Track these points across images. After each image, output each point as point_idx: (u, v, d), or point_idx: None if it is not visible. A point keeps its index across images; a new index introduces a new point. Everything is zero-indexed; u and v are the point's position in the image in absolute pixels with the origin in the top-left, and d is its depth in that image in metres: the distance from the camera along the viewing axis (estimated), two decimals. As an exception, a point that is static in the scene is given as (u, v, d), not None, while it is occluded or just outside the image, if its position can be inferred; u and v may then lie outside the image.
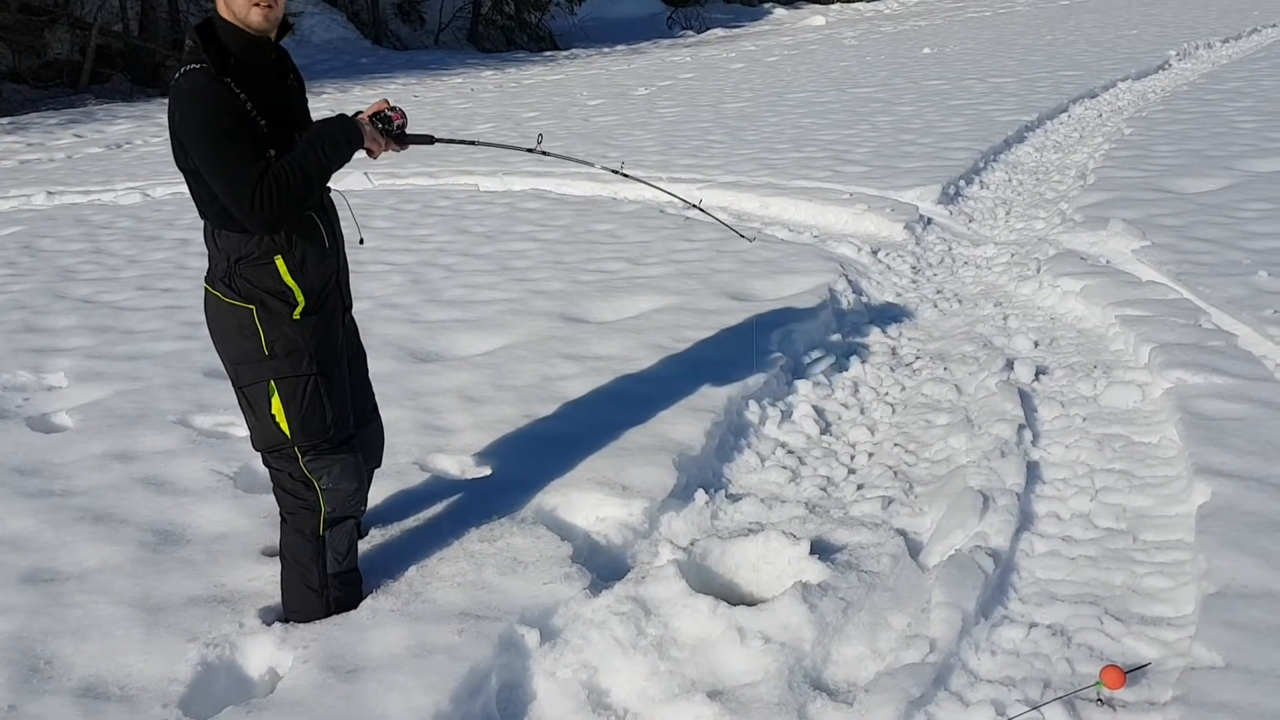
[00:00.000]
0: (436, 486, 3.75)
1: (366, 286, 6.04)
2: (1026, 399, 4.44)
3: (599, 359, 4.86)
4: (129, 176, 10.78)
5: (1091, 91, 12.66)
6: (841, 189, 8.13)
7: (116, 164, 11.79)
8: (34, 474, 3.93)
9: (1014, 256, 6.62)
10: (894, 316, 5.71)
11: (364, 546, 3.29)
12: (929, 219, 7.51)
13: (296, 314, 2.77)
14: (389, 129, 2.86)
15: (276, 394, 2.78)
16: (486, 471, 3.87)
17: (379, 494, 3.56)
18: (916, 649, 2.83)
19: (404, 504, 3.61)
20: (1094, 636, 2.88)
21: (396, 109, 2.87)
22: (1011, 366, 4.78)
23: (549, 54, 25.46)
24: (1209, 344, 4.65)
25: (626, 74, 18.91)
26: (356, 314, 3.20)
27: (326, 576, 2.95)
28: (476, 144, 3.40)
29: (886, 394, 4.73)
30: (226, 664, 2.85)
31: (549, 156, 3.49)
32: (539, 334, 5.26)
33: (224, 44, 2.60)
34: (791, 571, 3.23)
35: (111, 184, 10.38)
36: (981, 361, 4.89)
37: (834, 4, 34.36)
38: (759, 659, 2.81)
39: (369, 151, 2.84)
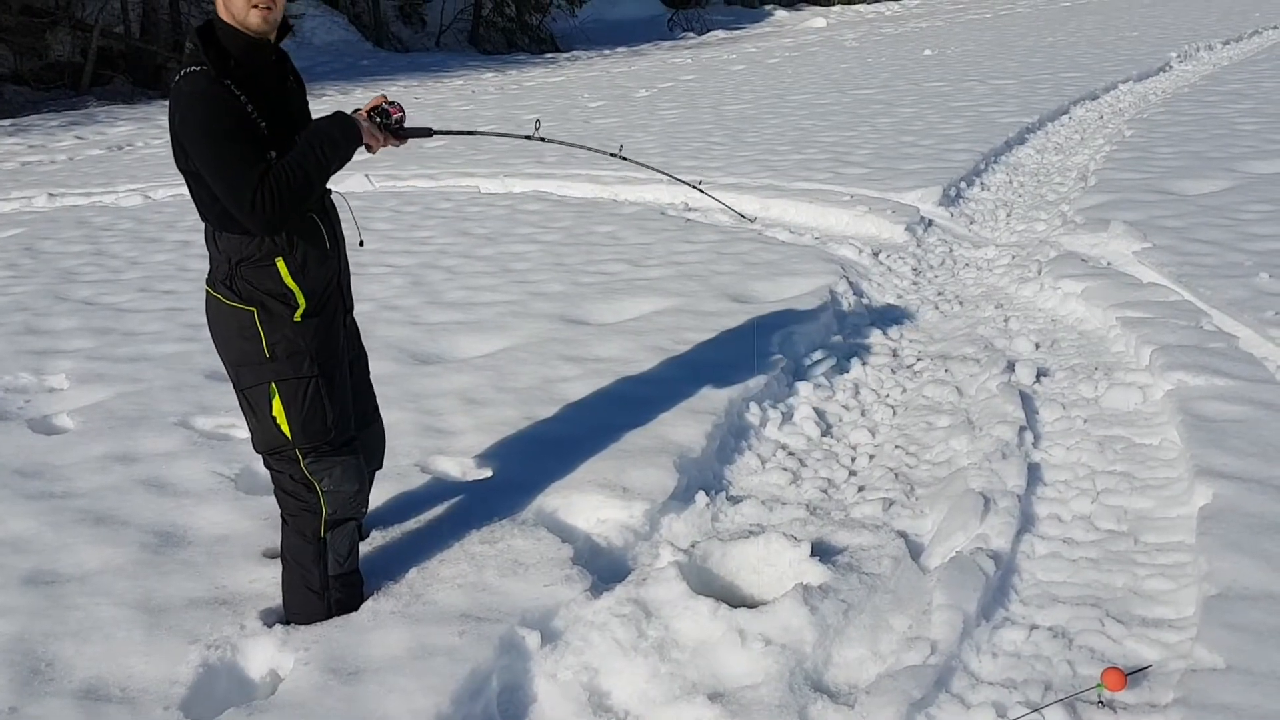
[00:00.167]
0: (437, 488, 3.75)
1: (367, 288, 6.05)
2: (1028, 401, 4.44)
3: (600, 361, 4.86)
4: (130, 178, 10.78)
5: (1092, 93, 12.66)
6: (842, 191, 8.13)
7: (118, 166, 11.79)
8: (35, 476, 3.94)
9: (1015, 258, 6.62)
10: (895, 318, 5.71)
11: (365, 548, 3.29)
12: (930, 221, 7.51)
13: (297, 316, 2.77)
14: (387, 123, 2.86)
15: (278, 396, 2.78)
16: (487, 473, 3.87)
17: (380, 496, 3.56)
18: (918, 651, 2.83)
19: (405, 506, 3.61)
20: (1095, 638, 2.88)
21: (394, 103, 2.87)
22: (1013, 368, 4.78)
23: (550, 56, 25.47)
24: (1210, 346, 4.65)
25: (627, 76, 18.92)
26: (357, 316, 3.20)
27: (328, 578, 2.95)
28: (475, 133, 3.42)
29: (887, 396, 4.73)
30: (228, 666, 2.86)
31: (546, 142, 3.50)
32: (540, 336, 5.26)
33: (224, 46, 2.61)
34: (792, 573, 3.23)
35: (113, 186, 10.39)
36: (983, 363, 4.89)
37: (835, 6, 34.38)
38: (760, 661, 2.81)
39: (368, 147, 2.84)
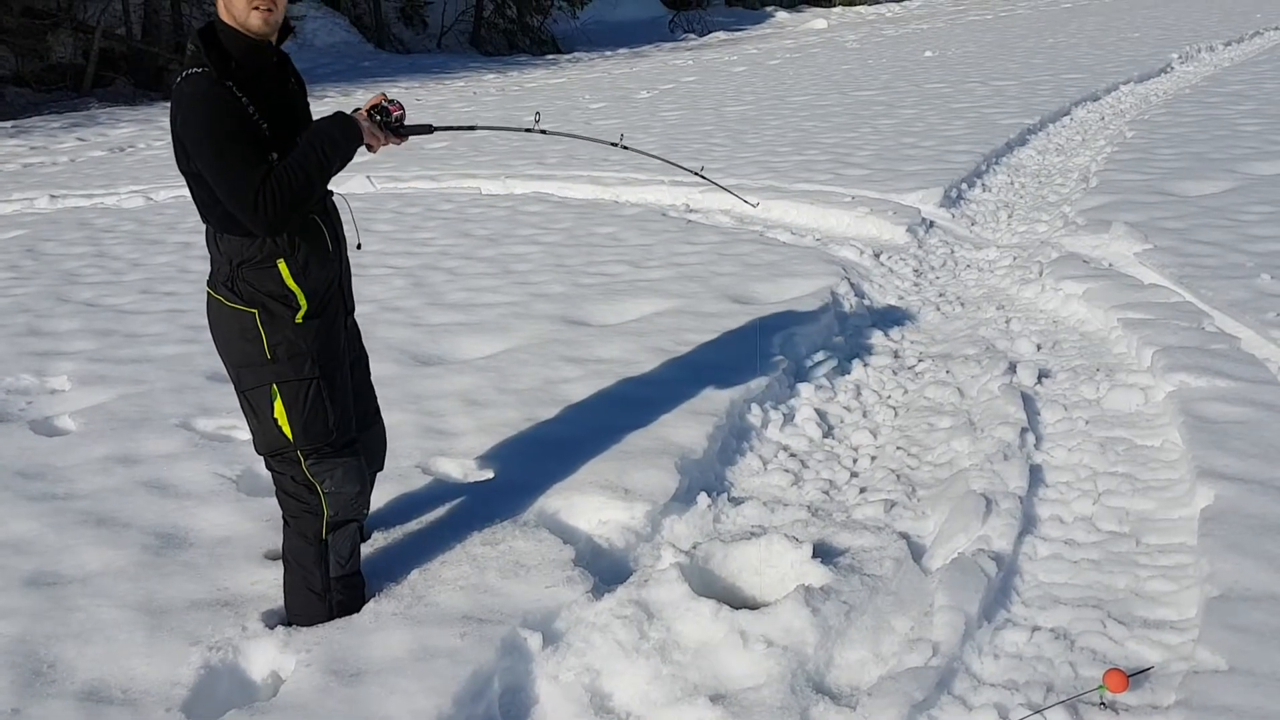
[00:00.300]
0: (439, 490, 3.75)
1: (369, 290, 6.05)
2: (1029, 402, 4.44)
3: (601, 362, 4.86)
4: (132, 180, 10.78)
5: (1094, 94, 12.66)
6: (843, 192, 8.13)
7: (119, 167, 11.80)
8: (37, 477, 3.94)
9: (1016, 260, 6.62)
10: (896, 319, 5.71)
11: (366, 550, 3.29)
12: (931, 222, 7.51)
13: (299, 317, 2.77)
14: (387, 121, 2.86)
15: (279, 398, 2.78)
16: (489, 475, 3.87)
17: (381, 497, 3.56)
18: (919, 652, 2.83)
19: (406, 507, 3.61)
20: (1097, 640, 2.88)
21: (394, 101, 2.87)
22: (1014, 370, 4.77)
23: (551, 57, 25.46)
24: (1212, 347, 4.65)
25: (628, 77, 18.92)
26: (359, 317, 3.20)
27: (329, 580, 2.96)
28: (475, 128, 3.42)
29: (889, 397, 4.73)
30: (229, 667, 2.86)
31: (548, 134, 3.49)
32: (541, 337, 5.26)
33: (225, 48, 2.61)
34: (794, 575, 3.23)
35: (114, 187, 10.39)
36: (984, 365, 4.89)
37: (836, 7, 34.38)
38: (761, 662, 2.81)
39: (369, 147, 2.84)
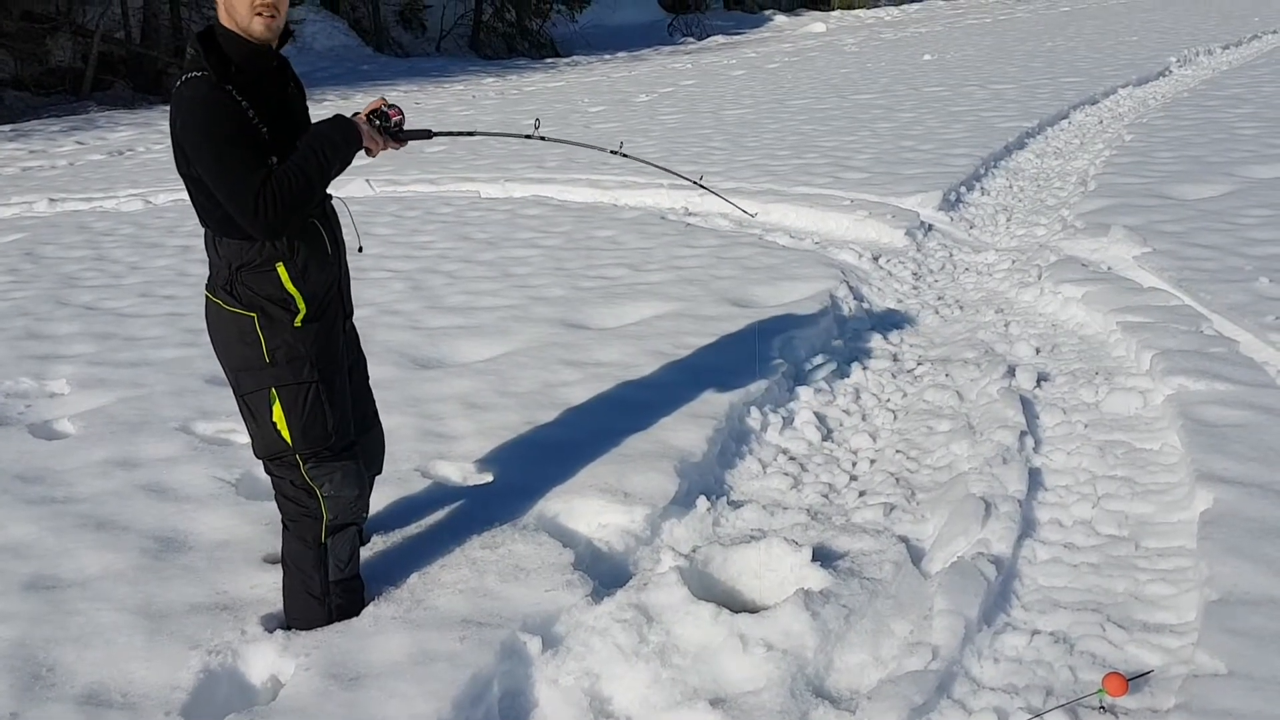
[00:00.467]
0: (438, 493, 3.75)
1: (368, 293, 6.05)
2: (1028, 405, 4.44)
3: (600, 365, 4.86)
4: (131, 183, 10.79)
5: (1092, 98, 12.67)
6: (842, 195, 8.13)
7: (119, 171, 11.80)
8: (36, 481, 3.94)
9: (1015, 263, 6.63)
10: (895, 323, 5.71)
11: (366, 553, 3.29)
12: (930, 225, 7.51)
13: (298, 321, 2.78)
14: (386, 126, 2.86)
15: (278, 401, 2.78)
16: (488, 478, 3.87)
17: (381, 501, 3.56)
18: (919, 656, 2.83)
19: (406, 511, 3.61)
20: (1096, 644, 2.88)
21: (393, 106, 2.88)
22: (1013, 373, 4.77)
23: (550, 61, 25.48)
24: (1210, 350, 4.65)
25: (627, 81, 18.94)
26: (358, 321, 3.21)
27: (328, 584, 2.95)
28: (474, 134, 3.42)
29: (888, 400, 4.73)
30: (229, 671, 2.85)
31: (546, 141, 3.50)
32: (540, 340, 5.26)
33: (225, 52, 2.61)
34: (793, 578, 3.23)
35: (113, 191, 10.40)
36: (983, 368, 4.89)
37: (834, 11, 34.42)
38: (761, 666, 2.81)
39: (368, 150, 2.84)
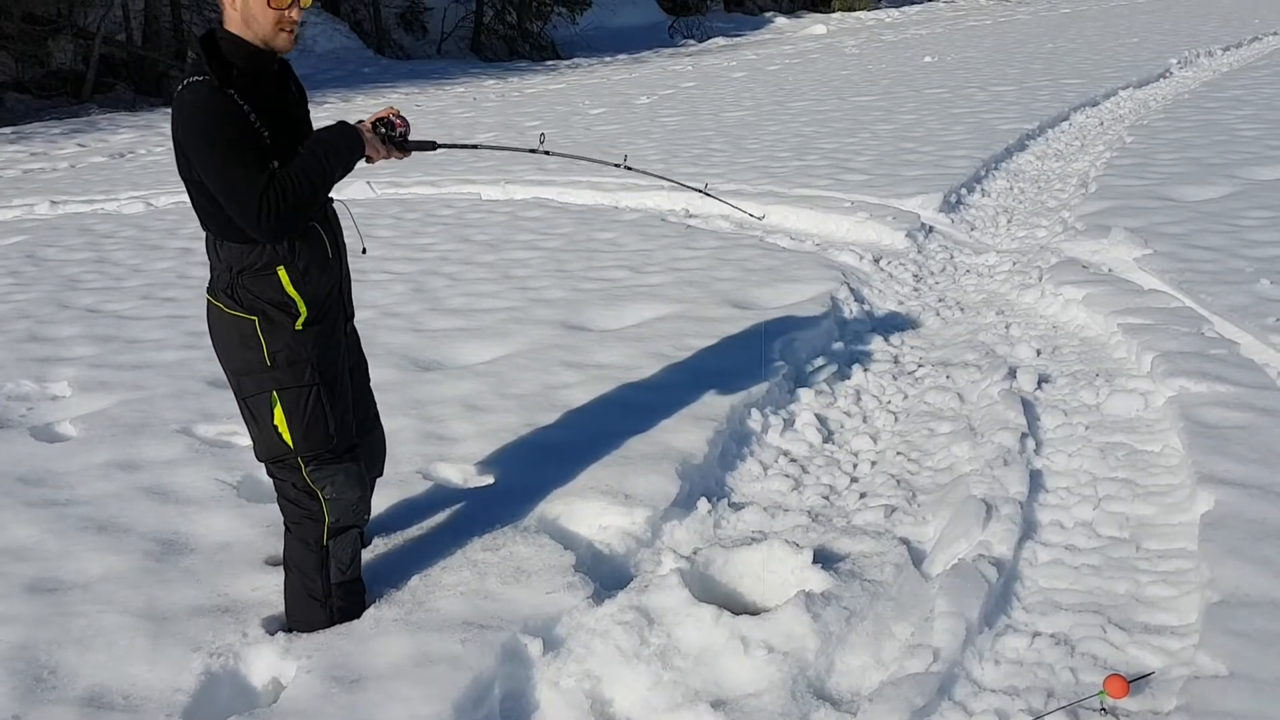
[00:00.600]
0: (439, 495, 3.75)
1: (369, 295, 6.05)
2: (1029, 407, 4.44)
3: (601, 367, 4.87)
4: (132, 186, 10.80)
5: (1093, 100, 12.67)
6: (843, 197, 8.14)
7: (120, 173, 11.82)
8: (38, 483, 3.94)
9: (1016, 265, 6.63)
10: (896, 325, 5.71)
11: (367, 556, 3.29)
12: (931, 227, 7.51)
13: (299, 324, 2.78)
14: (391, 135, 2.87)
15: (279, 404, 2.78)
16: (489, 480, 3.87)
17: (382, 503, 3.56)
18: (920, 658, 2.83)
19: (407, 513, 3.61)
20: (1097, 645, 2.88)
21: (400, 116, 2.89)
22: (1014, 375, 4.77)
23: (551, 63, 25.49)
24: (1211, 352, 4.65)
25: (628, 83, 18.94)
26: (358, 323, 3.21)
27: (330, 586, 2.96)
28: (480, 147, 3.41)
29: (889, 402, 4.73)
30: (230, 673, 2.86)
31: (552, 156, 3.50)
32: (541, 342, 5.26)
33: (227, 56, 2.62)
34: (794, 580, 3.23)
35: (115, 193, 10.41)
36: (984, 370, 4.89)
37: (835, 13, 34.42)
38: (762, 668, 2.81)
39: (368, 158, 2.85)
